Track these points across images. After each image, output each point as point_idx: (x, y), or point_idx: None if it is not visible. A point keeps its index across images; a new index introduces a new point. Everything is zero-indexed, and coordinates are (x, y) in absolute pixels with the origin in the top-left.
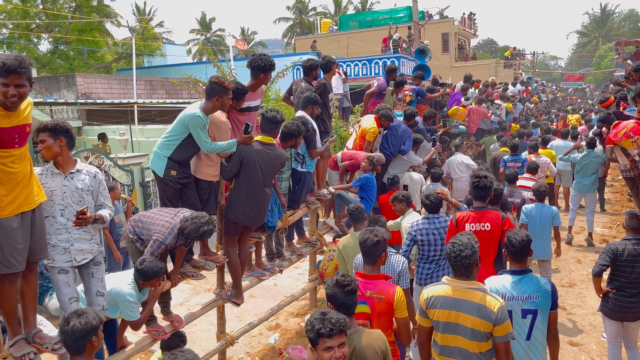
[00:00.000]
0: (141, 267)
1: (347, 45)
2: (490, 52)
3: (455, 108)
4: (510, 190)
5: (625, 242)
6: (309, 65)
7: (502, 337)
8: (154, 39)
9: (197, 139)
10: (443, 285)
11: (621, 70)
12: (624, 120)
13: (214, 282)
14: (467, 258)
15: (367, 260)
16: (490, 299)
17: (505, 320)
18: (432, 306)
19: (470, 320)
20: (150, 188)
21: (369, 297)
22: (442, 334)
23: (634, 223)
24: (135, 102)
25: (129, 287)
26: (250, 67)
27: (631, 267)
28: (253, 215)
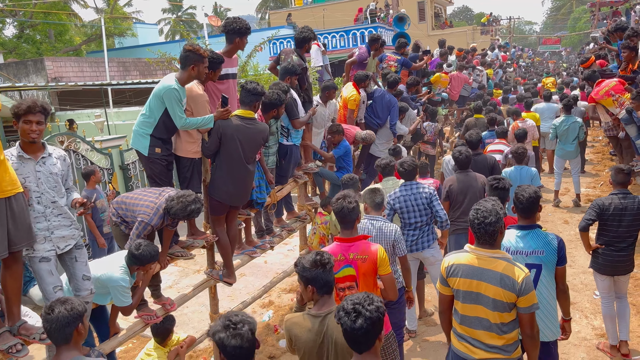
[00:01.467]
0: (138, 251)
1: (322, 17)
2: (466, 20)
3: (438, 75)
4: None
5: (612, 197)
6: (303, 38)
7: (527, 308)
8: (123, 18)
9: (171, 114)
10: (465, 253)
11: (596, 32)
12: (606, 79)
13: (203, 263)
14: (492, 225)
15: (345, 225)
16: (515, 269)
17: (530, 290)
18: (453, 274)
19: (493, 290)
20: (131, 171)
21: (353, 259)
22: (462, 303)
23: (621, 177)
24: (108, 83)
25: (120, 272)
26: (226, 31)
27: (618, 222)
28: (236, 194)
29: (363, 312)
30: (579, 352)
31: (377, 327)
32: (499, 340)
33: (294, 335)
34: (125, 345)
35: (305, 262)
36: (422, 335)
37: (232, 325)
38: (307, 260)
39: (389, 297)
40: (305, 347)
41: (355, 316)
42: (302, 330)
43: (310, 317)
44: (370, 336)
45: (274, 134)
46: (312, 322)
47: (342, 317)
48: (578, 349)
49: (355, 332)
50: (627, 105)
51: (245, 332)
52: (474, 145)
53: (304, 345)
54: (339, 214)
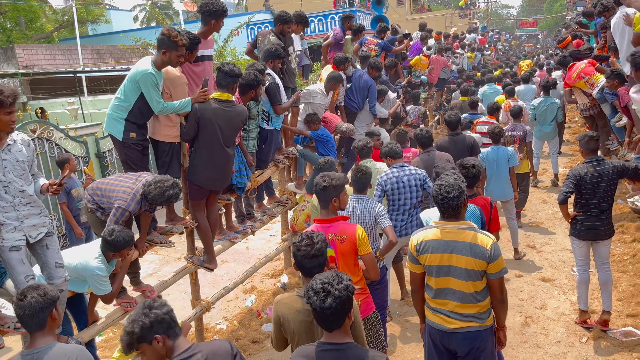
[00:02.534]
0: (111, 237)
1: (300, 1)
2: (444, 4)
3: (418, 58)
4: (514, 124)
5: (586, 166)
6: (280, 17)
7: (496, 273)
8: (96, 4)
9: (148, 99)
10: (432, 228)
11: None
12: (578, 61)
13: (184, 250)
14: (455, 199)
15: (321, 205)
16: (482, 237)
17: (498, 256)
18: (423, 251)
19: (464, 261)
20: (107, 159)
21: (332, 239)
22: (435, 277)
23: (592, 144)
24: (82, 70)
25: (96, 261)
26: (201, 12)
27: (595, 189)
28: (216, 178)
29: (332, 292)
30: (558, 327)
31: (347, 305)
32: (473, 309)
33: (282, 316)
34: (106, 334)
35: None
36: (404, 315)
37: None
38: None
39: (371, 277)
40: (295, 327)
41: (324, 295)
42: (290, 311)
43: (300, 297)
44: (340, 315)
45: (255, 118)
46: (301, 302)
47: (311, 297)
48: (557, 324)
49: (324, 311)
50: (599, 85)
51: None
52: (454, 125)
53: (294, 326)
54: (318, 194)
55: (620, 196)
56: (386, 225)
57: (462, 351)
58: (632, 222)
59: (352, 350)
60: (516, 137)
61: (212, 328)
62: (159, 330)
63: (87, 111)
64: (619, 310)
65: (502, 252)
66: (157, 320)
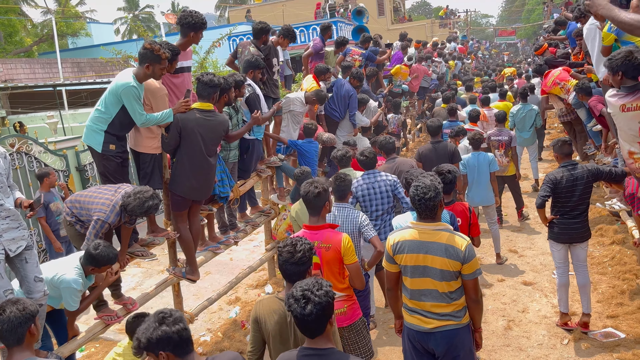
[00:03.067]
0: (96, 251)
1: (282, 13)
2: (425, 14)
3: (398, 67)
4: (499, 130)
5: (562, 170)
6: (260, 28)
7: (471, 274)
8: (76, 17)
9: (130, 111)
10: (409, 229)
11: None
12: (554, 68)
13: (167, 263)
14: (431, 200)
15: (312, 212)
16: (457, 238)
17: (472, 257)
18: (399, 251)
19: (439, 261)
20: (89, 172)
21: (317, 247)
22: (411, 278)
23: (566, 148)
24: (61, 83)
25: (74, 273)
26: (180, 24)
27: (571, 192)
28: (199, 188)
29: (312, 298)
30: (539, 330)
31: (327, 311)
32: (449, 308)
33: (260, 316)
34: (87, 349)
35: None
36: (389, 322)
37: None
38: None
39: (356, 286)
40: (271, 328)
41: (304, 302)
42: (268, 311)
43: (278, 299)
44: (321, 321)
45: (236, 128)
46: (278, 304)
47: (292, 304)
48: (539, 327)
49: (305, 317)
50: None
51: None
52: (435, 132)
53: (270, 327)
54: (305, 198)
55: (599, 199)
56: (372, 235)
57: (440, 351)
58: (610, 225)
59: (334, 355)
60: (502, 141)
61: (196, 340)
62: (165, 347)
63: (68, 125)
64: (599, 312)
65: (485, 257)
66: (164, 338)
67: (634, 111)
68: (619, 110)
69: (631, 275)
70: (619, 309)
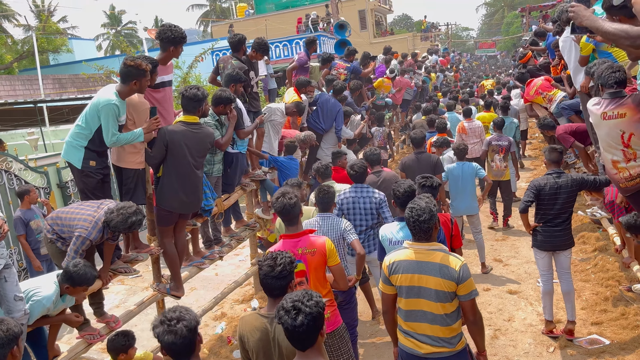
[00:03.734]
0: (75, 269)
1: (265, 28)
2: (407, 27)
3: (381, 80)
4: (498, 135)
5: (547, 177)
6: (237, 40)
7: (466, 295)
8: (57, 34)
9: (104, 128)
10: (404, 249)
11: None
12: (536, 78)
13: (151, 280)
14: (426, 222)
15: (290, 222)
16: (452, 259)
17: (467, 278)
18: (394, 272)
19: (434, 282)
20: (70, 189)
21: (302, 254)
22: (405, 298)
23: (555, 156)
24: (42, 99)
25: (49, 290)
26: (160, 38)
27: (554, 200)
28: (188, 201)
29: (303, 309)
30: (525, 338)
31: (318, 322)
32: (444, 332)
33: (242, 332)
34: None
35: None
36: (375, 335)
37: (167, 321)
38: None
39: (340, 287)
40: (253, 346)
41: (295, 313)
42: (250, 328)
43: (259, 316)
44: (312, 332)
45: None
46: (260, 321)
47: (283, 316)
48: (525, 335)
49: (296, 329)
50: (556, 100)
51: (180, 329)
52: (418, 143)
53: (252, 344)
54: (282, 212)
55: (580, 207)
56: (353, 239)
57: None
58: (592, 233)
59: None
60: (502, 146)
61: None
62: None
63: (49, 141)
64: (583, 319)
65: (470, 267)
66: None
67: (615, 119)
68: (601, 119)
69: (614, 282)
70: (603, 316)
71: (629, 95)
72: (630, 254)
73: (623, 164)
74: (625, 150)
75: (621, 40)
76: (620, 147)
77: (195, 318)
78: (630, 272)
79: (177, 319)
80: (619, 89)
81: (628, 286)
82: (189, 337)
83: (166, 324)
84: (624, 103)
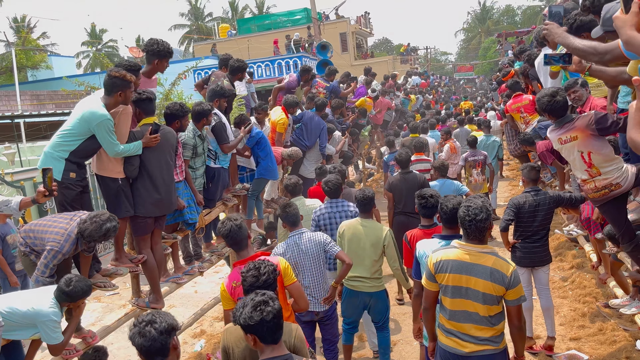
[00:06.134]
0: (69, 288)
1: (247, 48)
2: (387, 51)
3: (363, 100)
4: (473, 151)
5: (526, 195)
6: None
7: (515, 300)
8: (37, 50)
9: (104, 143)
10: (454, 249)
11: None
12: (524, 94)
13: (129, 297)
14: (483, 222)
15: (239, 246)
16: (503, 263)
17: (518, 283)
18: (441, 270)
19: (482, 284)
20: (47, 204)
21: None
22: (451, 298)
23: (533, 174)
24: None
25: (51, 307)
26: (145, 51)
27: (533, 217)
28: (163, 199)
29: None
30: None
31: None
32: (489, 332)
33: (227, 345)
34: None
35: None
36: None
37: (139, 324)
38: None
39: (300, 306)
40: (239, 357)
41: (262, 306)
42: (234, 339)
43: None
44: (280, 319)
45: (201, 156)
46: None
47: (246, 314)
48: None
49: (266, 320)
50: (532, 125)
51: (149, 331)
52: (404, 164)
53: (239, 355)
54: (228, 236)
55: (557, 226)
56: (337, 250)
57: None
58: (569, 250)
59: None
60: (478, 161)
61: None
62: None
63: (26, 157)
64: (562, 335)
65: None
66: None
67: (570, 142)
68: (559, 144)
69: (591, 298)
70: (581, 332)
71: (576, 119)
72: (607, 270)
73: (590, 179)
74: (589, 170)
75: (590, 57)
76: (584, 168)
77: (168, 321)
78: (607, 288)
79: (148, 322)
80: (563, 115)
81: (605, 302)
82: (159, 340)
83: (137, 326)
84: (573, 127)
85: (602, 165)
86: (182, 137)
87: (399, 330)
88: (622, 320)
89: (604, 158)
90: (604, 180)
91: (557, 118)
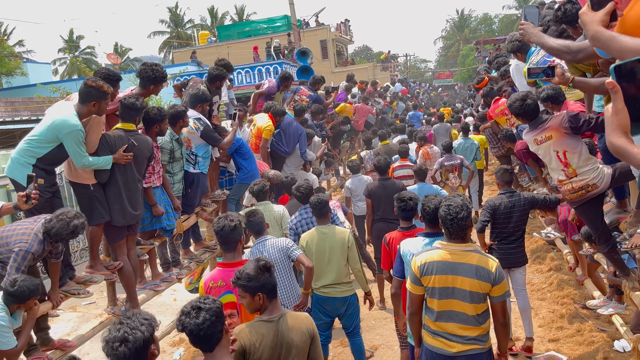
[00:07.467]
0: (14, 288)
1: (227, 54)
2: (367, 58)
3: (343, 105)
4: (449, 156)
5: (501, 197)
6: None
7: (500, 296)
8: (11, 56)
9: (72, 153)
10: (437, 250)
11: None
12: (502, 98)
13: (104, 306)
14: (464, 220)
15: (228, 247)
16: (487, 260)
17: (502, 279)
18: (426, 273)
19: (469, 283)
20: (21, 212)
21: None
22: (438, 300)
23: (507, 176)
24: None
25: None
26: (140, 77)
27: (508, 218)
28: (126, 208)
29: (202, 306)
30: None
31: (220, 318)
32: (476, 331)
33: (249, 344)
34: None
35: (249, 271)
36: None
37: (111, 341)
38: (251, 268)
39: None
40: (264, 354)
41: (196, 312)
42: (257, 337)
43: (263, 323)
44: (216, 327)
45: (179, 161)
46: (266, 327)
47: (184, 320)
48: None
49: (200, 327)
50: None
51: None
52: (383, 170)
53: (264, 352)
54: (220, 233)
55: (535, 229)
56: (298, 254)
57: None
58: (547, 253)
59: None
60: (455, 165)
61: None
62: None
63: None
64: (541, 336)
65: None
66: None
67: (545, 142)
68: (535, 145)
69: (569, 299)
70: (559, 333)
71: (549, 119)
72: (584, 271)
73: (567, 181)
74: (565, 170)
75: (564, 55)
76: (561, 168)
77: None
78: (584, 290)
79: (121, 341)
80: (535, 117)
81: (582, 303)
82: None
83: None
84: (547, 127)
85: (578, 165)
86: (160, 141)
87: (380, 335)
88: (600, 321)
89: (579, 157)
90: (580, 181)
91: (530, 120)
